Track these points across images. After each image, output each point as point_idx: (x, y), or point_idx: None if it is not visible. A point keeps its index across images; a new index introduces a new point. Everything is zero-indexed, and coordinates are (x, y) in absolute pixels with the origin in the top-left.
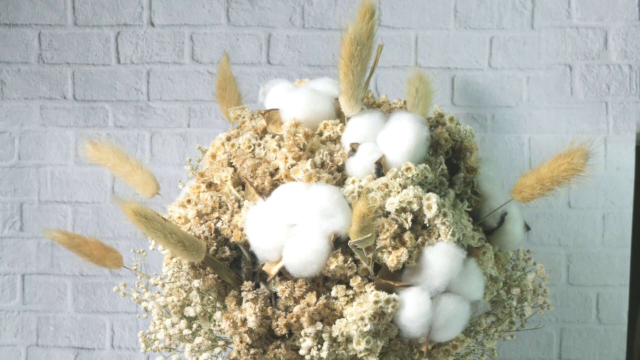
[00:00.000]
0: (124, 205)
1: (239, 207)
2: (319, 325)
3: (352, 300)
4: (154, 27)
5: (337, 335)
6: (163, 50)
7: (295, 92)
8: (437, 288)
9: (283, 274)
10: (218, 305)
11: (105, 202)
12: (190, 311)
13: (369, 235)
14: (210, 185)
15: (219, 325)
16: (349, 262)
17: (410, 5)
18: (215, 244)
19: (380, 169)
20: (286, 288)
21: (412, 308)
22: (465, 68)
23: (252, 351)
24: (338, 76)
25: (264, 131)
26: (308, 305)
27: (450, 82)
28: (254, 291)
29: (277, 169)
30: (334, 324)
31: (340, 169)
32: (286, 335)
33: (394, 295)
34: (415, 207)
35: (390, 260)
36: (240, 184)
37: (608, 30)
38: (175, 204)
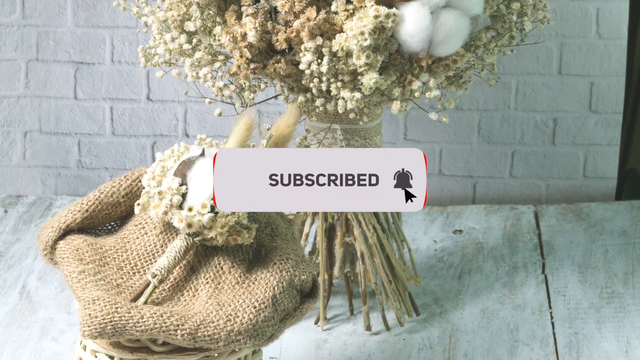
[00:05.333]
0: None
1: None
2: (319, 40)
3: (352, 15)
4: None
5: (337, 50)
6: None
7: None
8: (437, 2)
9: None
10: (218, 20)
11: None
12: (190, 26)
13: None
14: None
15: (219, 40)
16: None
17: None
18: None
19: None
20: (286, 3)
21: (412, 22)
22: None
23: (252, 66)
24: None
25: None
26: (308, 19)
27: None
28: (254, 6)
29: None
30: (334, 38)
31: None
32: (286, 51)
33: (394, 9)
34: None
35: None
36: None
37: None
38: None
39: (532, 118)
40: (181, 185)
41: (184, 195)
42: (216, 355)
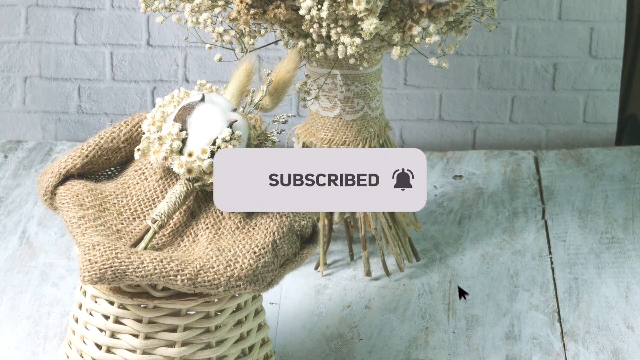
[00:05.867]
0: None
1: None
2: None
3: None
4: None
5: None
6: None
7: None
8: None
9: None
10: None
11: None
12: None
13: None
14: None
15: None
16: None
17: None
18: None
19: None
20: None
21: None
22: None
23: (252, 11)
24: None
25: None
26: None
27: None
28: None
29: None
30: None
31: None
32: None
33: None
34: None
35: None
36: None
37: None
38: None
39: (532, 63)
40: (181, 130)
41: (184, 141)
42: (216, 300)
